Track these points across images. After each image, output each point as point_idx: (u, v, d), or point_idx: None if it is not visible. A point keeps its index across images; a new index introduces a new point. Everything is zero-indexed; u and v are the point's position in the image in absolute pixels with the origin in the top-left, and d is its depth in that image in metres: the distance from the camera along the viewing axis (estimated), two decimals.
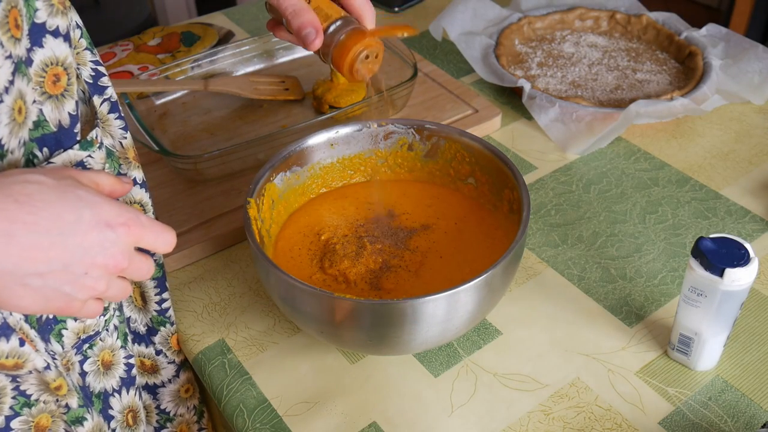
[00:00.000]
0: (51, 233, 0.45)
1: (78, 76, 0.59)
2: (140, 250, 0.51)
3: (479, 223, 0.76)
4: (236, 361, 0.71)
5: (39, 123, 0.54)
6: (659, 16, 1.13)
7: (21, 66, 0.51)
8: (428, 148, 0.78)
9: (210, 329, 0.74)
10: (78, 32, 0.59)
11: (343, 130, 0.77)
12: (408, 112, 0.99)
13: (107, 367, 0.66)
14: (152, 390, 0.76)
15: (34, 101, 0.53)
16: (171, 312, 0.73)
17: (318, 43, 0.65)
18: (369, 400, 0.67)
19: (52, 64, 0.54)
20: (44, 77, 0.53)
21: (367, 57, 0.67)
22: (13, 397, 0.56)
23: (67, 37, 0.54)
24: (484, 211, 0.77)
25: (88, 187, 0.49)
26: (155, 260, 0.70)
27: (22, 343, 0.53)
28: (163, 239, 0.51)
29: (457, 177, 0.78)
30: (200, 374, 0.72)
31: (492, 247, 0.73)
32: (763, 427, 0.62)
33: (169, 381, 0.77)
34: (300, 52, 1.09)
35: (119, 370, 0.67)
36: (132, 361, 0.69)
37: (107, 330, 0.64)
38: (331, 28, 0.66)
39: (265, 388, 0.69)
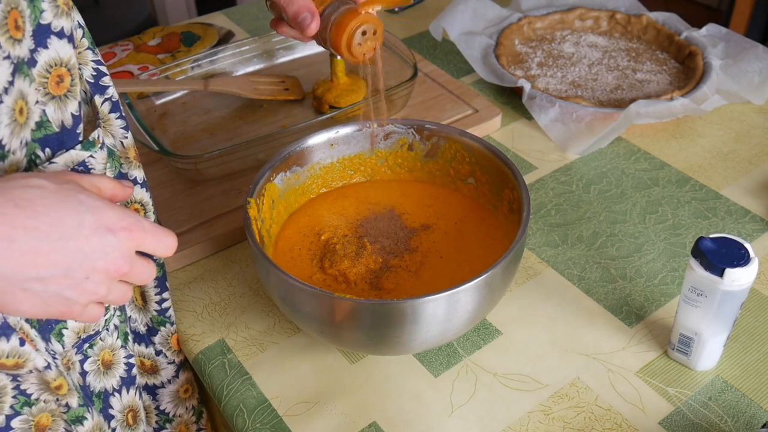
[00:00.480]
0: (52, 238, 0.45)
1: (80, 76, 0.59)
2: (142, 254, 0.52)
3: (479, 223, 0.76)
4: (236, 361, 0.71)
5: (41, 123, 0.54)
6: (659, 16, 1.13)
7: (22, 67, 0.51)
8: (428, 148, 0.78)
9: (210, 329, 0.74)
10: (80, 32, 0.59)
11: (343, 130, 0.77)
12: (408, 112, 0.99)
13: (107, 366, 0.66)
14: (152, 390, 0.76)
15: (37, 102, 0.53)
16: (171, 312, 0.73)
17: (315, 26, 0.65)
18: (369, 400, 0.67)
19: (56, 65, 0.54)
20: (48, 78, 0.53)
21: (364, 33, 0.66)
22: (14, 396, 0.56)
23: (71, 38, 0.55)
24: (484, 211, 0.77)
25: (90, 191, 0.49)
26: (156, 260, 0.70)
27: (22, 342, 0.53)
28: (165, 243, 0.52)
29: (457, 177, 0.78)
30: (200, 374, 0.72)
31: (492, 247, 0.73)
32: (763, 427, 0.62)
33: (169, 381, 0.77)
34: (300, 52, 1.09)
35: (119, 370, 0.67)
36: (132, 360, 0.69)
37: (107, 330, 0.65)
38: (327, 11, 0.66)
39: (265, 388, 0.69)
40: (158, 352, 0.75)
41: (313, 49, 1.09)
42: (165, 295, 0.72)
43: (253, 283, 0.79)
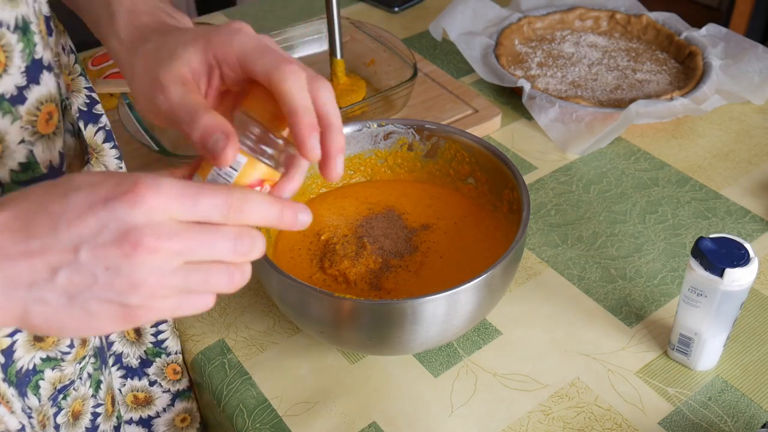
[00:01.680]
0: (43, 236, 0.37)
1: (68, 107, 0.55)
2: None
3: (479, 223, 0.76)
4: (236, 361, 0.71)
5: (29, 166, 0.49)
6: (659, 16, 1.13)
7: (2, 103, 0.46)
8: (428, 148, 0.78)
9: (210, 329, 0.74)
10: (72, 57, 0.56)
11: (343, 130, 0.77)
12: (408, 112, 0.99)
13: (76, 417, 0.62)
14: (146, 423, 0.75)
15: (23, 141, 0.48)
16: (168, 343, 0.72)
17: (231, 152, 0.43)
18: (369, 400, 0.67)
19: (46, 101, 0.50)
20: (38, 116, 0.49)
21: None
22: None
23: (50, 68, 0.50)
24: (484, 211, 0.77)
25: (88, 174, 0.39)
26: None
27: None
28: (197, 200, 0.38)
29: (457, 177, 0.78)
30: (200, 375, 0.72)
31: (492, 247, 0.73)
32: (763, 427, 0.62)
33: (164, 410, 0.75)
34: (300, 52, 1.09)
35: (85, 420, 0.64)
36: (99, 410, 0.65)
37: (80, 378, 0.61)
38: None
39: (265, 388, 0.69)
40: (152, 383, 0.73)
41: (313, 49, 1.09)
42: (162, 326, 0.70)
43: (253, 283, 0.79)
